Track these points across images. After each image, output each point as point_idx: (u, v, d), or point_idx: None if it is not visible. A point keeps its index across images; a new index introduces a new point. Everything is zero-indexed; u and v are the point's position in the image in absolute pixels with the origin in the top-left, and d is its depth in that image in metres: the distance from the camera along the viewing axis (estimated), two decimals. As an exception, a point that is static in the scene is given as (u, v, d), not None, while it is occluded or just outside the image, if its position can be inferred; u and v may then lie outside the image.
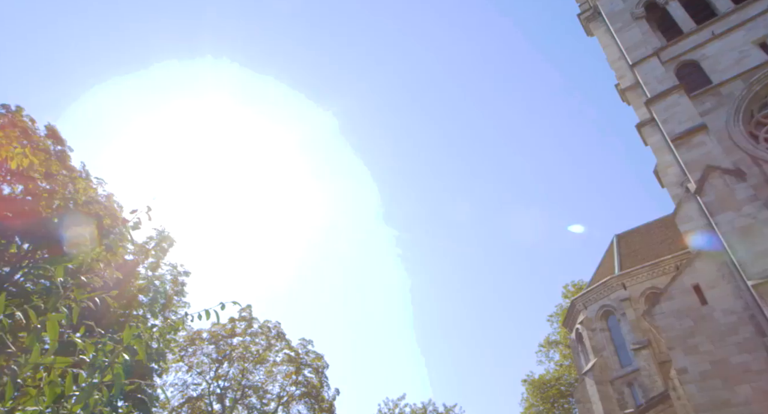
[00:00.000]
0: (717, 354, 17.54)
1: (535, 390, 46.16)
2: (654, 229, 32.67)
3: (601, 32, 30.36)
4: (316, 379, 34.56)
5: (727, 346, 17.46)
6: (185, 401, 31.51)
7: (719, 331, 17.82)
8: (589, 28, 32.43)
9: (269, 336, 34.46)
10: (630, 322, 28.68)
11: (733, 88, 21.28)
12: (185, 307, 23.89)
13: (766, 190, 18.35)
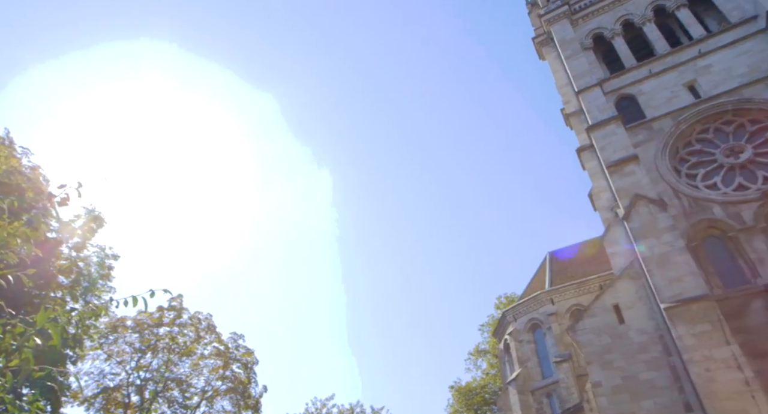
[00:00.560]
0: (628, 370, 18.74)
1: (460, 396, 47.35)
2: (584, 248, 34.49)
3: (552, 57, 31.83)
4: (244, 375, 33.84)
5: (638, 363, 18.69)
6: (100, 391, 29.88)
7: (632, 349, 19.05)
8: (541, 52, 33.90)
9: (199, 328, 33.39)
10: (555, 336, 30.12)
11: (663, 125, 22.89)
12: (110, 292, 22.76)
13: (684, 221, 19.85)
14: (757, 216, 18.60)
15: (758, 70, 21.95)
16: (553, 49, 31.74)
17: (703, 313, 16.58)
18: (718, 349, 15.74)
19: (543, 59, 34.17)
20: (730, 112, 21.63)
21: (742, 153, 20.55)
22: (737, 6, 24.66)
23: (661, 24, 27.79)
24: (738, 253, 18.43)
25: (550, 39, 32.01)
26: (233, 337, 34.71)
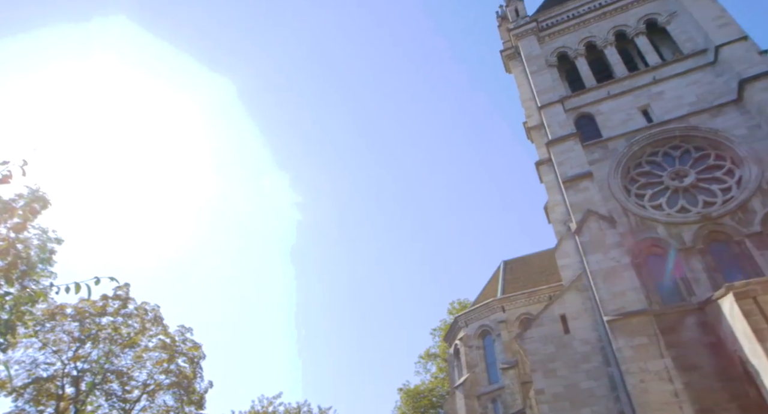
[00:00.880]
0: (570, 378, 19.44)
1: (408, 399, 47.74)
2: (537, 259, 35.51)
3: (518, 71, 32.67)
4: (190, 370, 32.93)
5: (579, 373, 19.42)
6: (31, 382, 28.32)
7: (575, 359, 19.77)
8: (508, 65, 34.74)
9: (145, 319, 32.25)
10: (503, 343, 30.85)
11: (618, 145, 23.91)
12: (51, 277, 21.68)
13: (630, 239, 20.78)
14: (696, 238, 19.70)
15: (705, 100, 23.27)
16: (519, 64, 32.60)
17: (642, 327, 17.40)
18: (653, 361, 16.54)
19: (509, 72, 35.03)
20: (678, 138, 22.82)
21: (686, 177, 21.70)
22: (690, 38, 26.09)
23: (621, 48, 29.04)
24: (678, 271, 19.40)
25: (517, 53, 32.86)
26: (181, 330, 33.75)
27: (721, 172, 21.17)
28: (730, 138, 21.42)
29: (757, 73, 21.77)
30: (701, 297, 17.85)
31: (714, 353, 16.37)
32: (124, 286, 31.59)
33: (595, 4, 30.93)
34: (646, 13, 28.72)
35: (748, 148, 20.76)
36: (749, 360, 13.80)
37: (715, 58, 23.95)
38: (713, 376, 16.10)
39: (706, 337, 16.82)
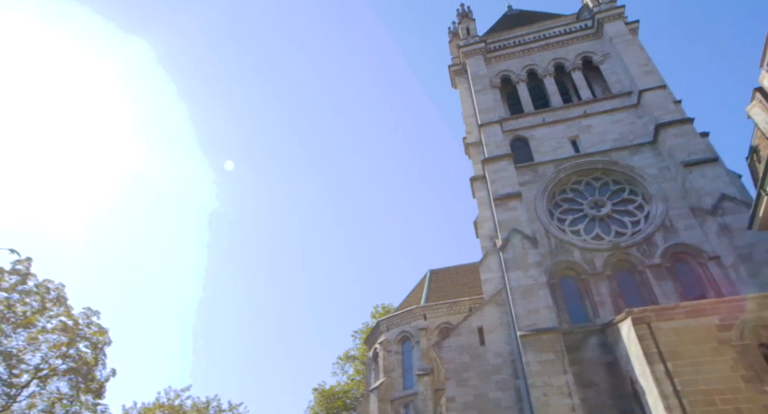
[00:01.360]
0: (481, 388, 20.33)
1: (323, 399, 47.62)
2: (462, 271, 36.74)
3: (463, 88, 33.82)
4: (92, 355, 30.84)
5: (490, 383, 20.37)
6: None
7: (487, 370, 20.71)
8: (455, 81, 35.86)
9: (46, 298, 29.80)
10: (422, 350, 31.63)
11: (547, 170, 25.37)
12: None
13: (549, 260, 22.12)
14: (605, 264, 21.33)
15: (626, 138, 25.29)
16: (465, 81, 33.73)
17: (550, 343, 18.57)
18: (557, 376, 17.69)
19: (455, 87, 36.17)
20: (600, 170, 24.61)
21: (603, 207, 23.45)
22: (618, 80, 28.28)
23: (559, 80, 30.88)
24: (586, 294, 20.92)
25: (464, 70, 33.99)
26: (86, 312, 31.55)
27: (633, 205, 23.07)
28: (644, 176, 23.40)
29: (671, 120, 24.01)
30: (604, 319, 19.34)
31: (610, 372, 17.79)
32: (24, 260, 29.13)
33: (540, 35, 32.66)
34: (584, 51, 30.75)
35: (658, 187, 22.78)
36: (638, 380, 15.12)
37: (638, 101, 26.11)
38: (607, 393, 17.48)
39: (605, 356, 18.24)
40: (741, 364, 13.49)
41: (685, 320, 14.83)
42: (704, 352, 13.97)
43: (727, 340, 14.04)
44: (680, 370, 13.76)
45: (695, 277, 20.17)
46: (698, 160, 21.93)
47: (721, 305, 15.12)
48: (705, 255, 20.21)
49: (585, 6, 33.47)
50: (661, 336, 14.56)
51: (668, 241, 21.15)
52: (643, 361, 14.38)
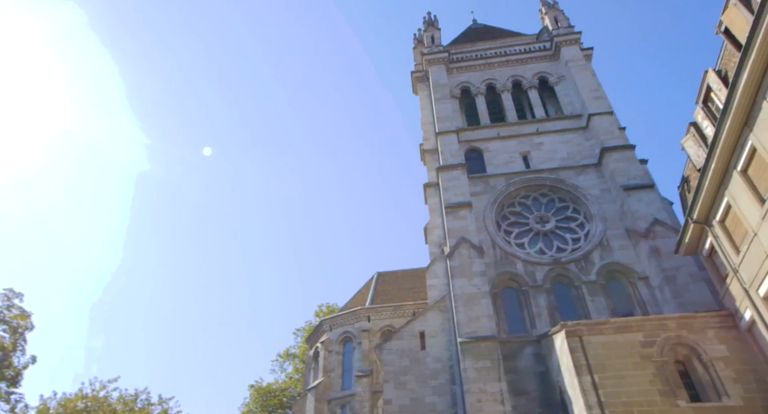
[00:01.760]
0: (418, 392, 20.73)
1: (259, 397, 46.80)
2: (409, 276, 37.21)
3: (424, 95, 34.33)
4: (10, 340, 28.95)
5: (427, 387, 20.80)
6: None
7: (426, 374, 21.14)
8: (416, 87, 36.31)
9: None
10: (363, 352, 31.79)
11: (498, 183, 26.20)
12: None
13: (493, 270, 22.85)
14: (546, 278, 22.29)
15: (573, 159, 26.56)
16: (426, 88, 34.25)
17: (488, 351, 19.21)
18: (492, 384, 18.33)
19: (416, 94, 36.62)
20: (548, 187, 25.69)
21: (548, 223, 24.49)
22: (570, 102, 29.67)
23: (516, 96, 31.99)
24: (525, 305, 21.77)
25: (426, 77, 34.52)
26: (7, 294, 29.60)
27: (575, 223, 24.23)
28: (587, 196, 24.64)
29: (615, 145, 25.47)
30: (540, 331, 20.20)
31: (541, 381, 18.62)
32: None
33: (501, 51, 33.70)
34: (541, 71, 32.01)
35: (599, 207, 24.06)
36: (567, 390, 15.93)
37: (587, 124, 27.47)
38: (537, 402, 18.28)
39: (538, 366, 19.07)
40: (658, 379, 14.52)
41: (613, 336, 15.79)
42: (627, 366, 14.92)
43: (648, 356, 15.07)
44: (605, 382, 14.64)
45: (625, 295, 21.47)
46: (636, 185, 23.36)
47: (645, 323, 16.21)
48: (636, 275, 21.54)
49: (545, 28, 34.82)
50: (590, 349, 15.43)
51: (604, 260, 22.37)
52: (572, 372, 15.16)
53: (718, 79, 15.85)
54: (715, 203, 16.15)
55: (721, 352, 15.05)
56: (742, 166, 14.48)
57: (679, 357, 15.35)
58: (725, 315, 16.01)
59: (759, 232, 14.00)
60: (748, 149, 14.04)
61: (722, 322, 15.79)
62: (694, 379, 14.87)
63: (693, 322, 15.84)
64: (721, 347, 15.18)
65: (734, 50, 14.68)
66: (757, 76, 12.90)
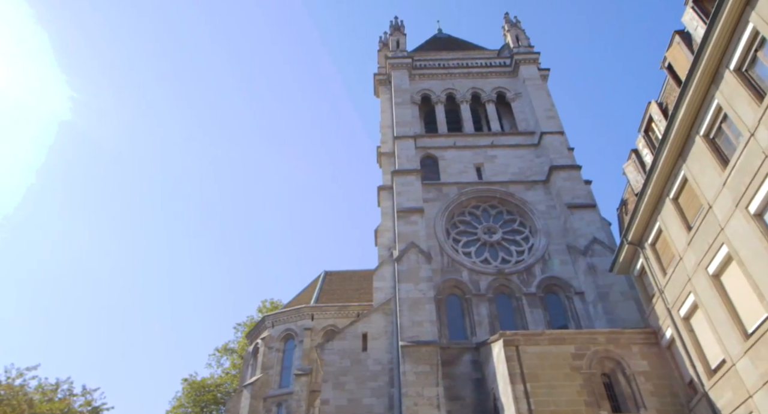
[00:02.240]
0: (356, 393, 20.82)
1: (192, 391, 45.40)
2: (356, 276, 37.29)
3: (385, 98, 34.56)
4: None
5: (365, 389, 20.93)
6: None
7: (365, 376, 21.27)
8: (378, 90, 36.47)
9: None
10: (304, 350, 31.57)
11: (450, 191, 26.78)
12: None
13: (439, 276, 23.34)
14: (489, 287, 23.00)
15: (524, 174, 27.57)
16: (387, 91, 34.48)
17: (428, 356, 19.60)
18: (429, 388, 18.71)
19: (377, 96, 36.78)
20: (498, 199, 26.52)
21: (495, 234, 25.28)
22: (525, 119, 30.80)
23: (474, 108, 32.81)
24: (468, 313, 22.37)
25: (388, 81, 34.75)
26: None
27: (520, 236, 25.14)
28: (534, 211, 25.63)
29: (563, 164, 26.67)
30: (480, 338, 20.82)
31: (477, 388, 19.20)
32: None
33: (463, 63, 34.49)
34: (499, 86, 33.02)
35: (544, 222, 25.08)
36: (500, 398, 16.52)
37: (539, 142, 28.58)
38: (471, 408, 18.84)
39: (475, 373, 19.66)
40: (585, 390, 15.34)
41: (547, 347, 16.52)
42: (558, 376, 15.66)
43: (578, 368, 15.88)
44: (537, 391, 15.30)
45: (562, 308, 22.51)
46: (580, 204, 24.55)
47: (578, 336, 17.08)
48: (573, 289, 22.62)
49: (507, 45, 35.93)
50: (525, 359, 16.08)
51: (545, 273, 23.35)
52: (507, 380, 15.75)
53: (659, 111, 16.91)
54: (649, 227, 17.25)
55: (643, 367, 16.09)
56: (674, 194, 15.55)
57: (605, 370, 16.26)
58: (649, 332, 17.13)
59: (684, 256, 15.09)
60: (680, 179, 15.10)
61: (646, 339, 16.89)
62: (617, 391, 15.80)
63: (620, 338, 16.83)
64: (643, 362, 16.23)
65: (675, 85, 15.70)
66: (692, 112, 13.91)
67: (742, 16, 11.63)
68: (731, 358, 13.11)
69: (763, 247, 11.63)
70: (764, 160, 11.34)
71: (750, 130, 11.76)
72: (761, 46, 11.46)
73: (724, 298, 13.38)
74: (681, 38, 15.13)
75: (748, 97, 11.74)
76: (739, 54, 11.97)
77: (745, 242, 12.29)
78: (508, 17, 37.88)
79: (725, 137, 13.21)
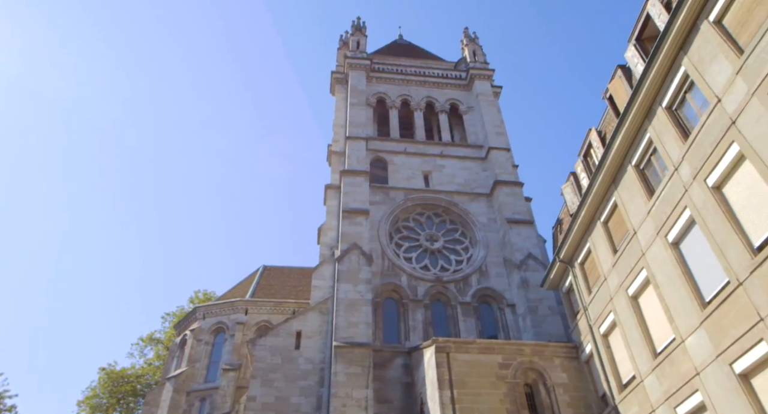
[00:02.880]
0: (284, 391, 20.59)
1: (109, 381, 43.10)
2: (295, 273, 36.89)
3: (340, 97, 34.47)
4: None
5: (294, 388, 20.75)
6: None
7: (296, 374, 21.08)
8: (334, 88, 36.31)
9: None
10: (234, 345, 30.84)
11: (397, 196, 27.10)
12: None
13: (378, 279, 23.54)
14: (426, 294, 23.46)
15: (469, 186, 28.35)
16: (344, 90, 34.43)
17: (360, 358, 19.71)
18: (359, 390, 18.82)
19: (333, 94, 36.60)
20: (442, 208, 27.12)
21: (437, 242, 25.83)
22: (475, 132, 31.71)
23: (427, 117, 33.39)
24: (403, 317, 22.70)
25: (345, 80, 34.69)
26: None
27: (461, 246, 25.82)
28: (475, 222, 26.40)
29: (507, 180, 27.69)
30: (413, 343, 21.18)
31: (406, 392, 19.53)
32: None
33: (420, 71, 35.04)
34: (453, 98, 33.81)
35: (484, 234, 25.90)
36: (427, 403, 16.89)
37: (486, 156, 29.50)
38: (399, 411, 19.12)
39: (405, 377, 19.98)
40: (508, 399, 15.99)
41: (477, 355, 17.07)
42: (484, 384, 16.22)
43: (503, 377, 16.52)
44: (463, 397, 15.78)
45: (494, 318, 23.34)
46: (519, 219, 25.56)
47: (506, 347, 17.77)
48: (505, 301, 23.50)
49: (464, 58, 36.85)
50: (455, 366, 16.54)
51: (480, 284, 24.10)
52: (435, 385, 16.13)
53: (598, 138, 17.92)
54: (580, 247, 18.24)
55: (563, 380, 16.98)
56: (605, 218, 16.54)
57: (528, 380, 17.02)
58: (571, 347, 18.10)
59: (608, 277, 16.08)
60: (611, 204, 16.09)
61: (568, 353, 17.83)
62: (537, 401, 16.58)
63: (544, 351, 17.67)
64: (563, 375, 17.13)
65: (614, 116, 16.70)
66: (627, 143, 14.87)
67: (676, 59, 12.59)
68: (640, 374, 14.10)
69: (676, 273, 12.61)
70: (684, 193, 12.32)
71: (675, 164, 12.73)
72: (690, 89, 12.45)
73: (640, 318, 14.38)
74: (623, 72, 16.12)
75: (676, 135, 12.71)
76: (671, 93, 12.94)
77: (661, 268, 13.28)
78: (467, 32, 38.85)
79: (653, 169, 14.21)
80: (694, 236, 12.18)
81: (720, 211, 11.07)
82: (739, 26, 10.73)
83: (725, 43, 10.93)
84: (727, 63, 10.86)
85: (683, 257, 12.60)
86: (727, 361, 10.74)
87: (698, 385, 11.69)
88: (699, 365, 11.67)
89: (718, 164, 11.15)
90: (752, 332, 10.06)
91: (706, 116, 11.53)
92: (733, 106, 10.66)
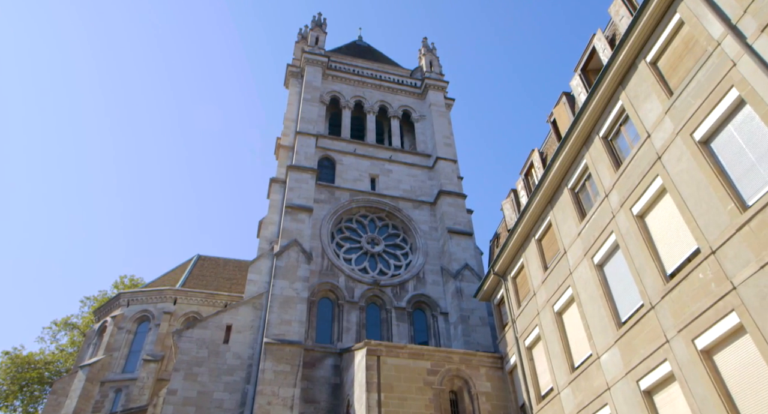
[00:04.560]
0: (208, 386, 19.98)
1: (13, 366, 39.95)
2: (231, 265, 35.91)
3: (294, 91, 33.99)
4: None
5: (219, 383, 20.18)
6: None
7: (222, 369, 20.51)
8: (289, 81, 35.75)
9: None
10: (159, 335, 29.52)
11: (342, 196, 27.08)
12: None
13: (316, 278, 23.42)
14: (362, 296, 23.59)
15: (414, 192, 28.83)
16: (298, 85, 33.97)
17: (290, 356, 19.50)
18: (286, 388, 18.61)
19: (287, 87, 36.03)
20: (386, 212, 27.39)
21: (378, 245, 26.04)
22: (425, 141, 32.30)
23: (379, 120, 33.62)
24: (338, 318, 22.69)
25: (300, 75, 34.27)
26: None
27: (401, 252, 26.19)
28: (417, 229, 26.86)
29: (451, 190, 28.38)
30: (345, 345, 21.22)
31: (333, 393, 19.52)
32: None
33: (377, 75, 35.24)
34: (407, 105, 34.27)
35: (424, 242, 26.40)
36: (354, 405, 16.98)
37: (433, 165, 30.11)
38: (324, 412, 19.10)
39: (334, 378, 19.98)
40: (433, 405, 16.38)
41: (406, 360, 17.37)
42: (411, 389, 16.54)
43: (430, 383, 16.91)
44: (389, 401, 16.00)
45: (426, 325, 23.82)
46: (459, 230, 26.26)
47: (435, 354, 18.18)
48: (439, 309, 24.05)
49: (420, 67, 37.42)
50: (384, 369, 16.74)
51: (417, 290, 24.54)
52: (363, 388, 16.26)
53: (539, 159, 18.79)
54: (514, 261, 19.01)
55: (486, 388, 17.61)
56: (539, 236, 17.35)
57: (454, 387, 17.51)
58: (497, 357, 18.80)
59: (537, 293, 16.88)
60: (546, 223, 16.90)
61: (493, 363, 18.51)
62: (461, 408, 17.10)
63: (472, 360, 18.25)
64: (487, 384, 17.76)
65: (556, 139, 17.61)
66: (565, 166, 15.71)
67: (615, 92, 13.48)
68: (558, 387, 14.90)
69: (598, 293, 13.46)
70: (611, 219, 13.18)
71: (606, 191, 13.60)
72: (625, 122, 13.37)
73: (562, 333, 15.20)
74: (567, 99, 17.02)
75: (609, 163, 13.59)
76: (608, 124, 13.83)
77: (586, 287, 14.12)
78: (426, 42, 39.46)
79: (587, 193, 15.10)
80: (617, 260, 13.05)
81: (641, 238, 11.93)
82: (671, 70, 11.65)
83: (658, 84, 11.83)
84: (658, 102, 11.76)
85: (606, 279, 13.47)
86: (634, 378, 11.58)
87: (608, 399, 12.52)
88: (610, 381, 12.50)
89: (643, 195, 12.03)
90: (658, 353, 10.92)
91: (637, 149, 12.41)
92: (660, 143, 11.55)
